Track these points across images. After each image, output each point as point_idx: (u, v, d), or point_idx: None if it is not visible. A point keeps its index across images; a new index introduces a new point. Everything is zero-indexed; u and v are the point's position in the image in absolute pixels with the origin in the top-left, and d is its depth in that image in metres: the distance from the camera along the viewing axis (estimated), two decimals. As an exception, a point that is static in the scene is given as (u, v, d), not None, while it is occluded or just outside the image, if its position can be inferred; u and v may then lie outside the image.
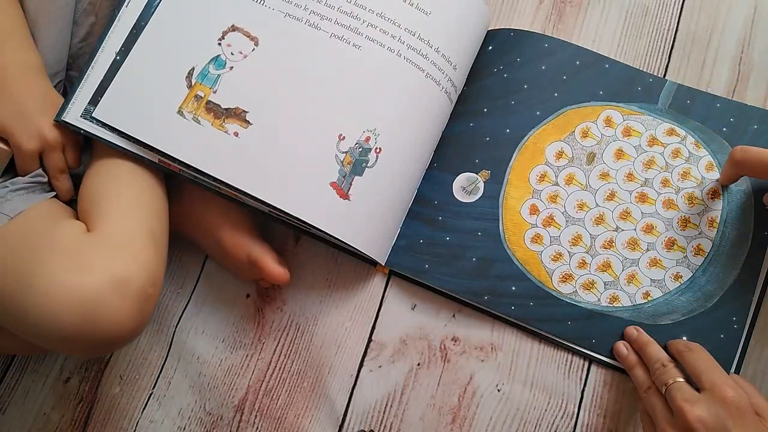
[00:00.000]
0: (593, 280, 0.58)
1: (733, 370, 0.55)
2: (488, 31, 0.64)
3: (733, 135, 0.59)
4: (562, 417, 0.57)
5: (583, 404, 0.57)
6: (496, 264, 0.58)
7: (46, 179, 0.55)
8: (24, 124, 0.53)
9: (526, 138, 0.61)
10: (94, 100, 0.54)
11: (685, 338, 0.55)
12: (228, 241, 0.57)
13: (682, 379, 0.50)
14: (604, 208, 0.59)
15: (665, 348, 0.55)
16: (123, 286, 0.44)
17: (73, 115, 0.54)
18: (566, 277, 0.58)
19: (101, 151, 0.55)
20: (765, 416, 0.48)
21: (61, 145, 0.55)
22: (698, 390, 0.49)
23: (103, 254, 0.46)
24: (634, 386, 0.55)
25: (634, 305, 0.57)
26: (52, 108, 0.54)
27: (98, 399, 0.61)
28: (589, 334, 0.57)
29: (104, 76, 0.54)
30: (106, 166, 0.54)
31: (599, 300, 0.57)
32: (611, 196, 0.59)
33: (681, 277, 0.57)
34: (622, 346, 0.56)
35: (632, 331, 0.56)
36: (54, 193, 0.55)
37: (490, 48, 0.63)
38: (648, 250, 0.58)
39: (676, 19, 0.65)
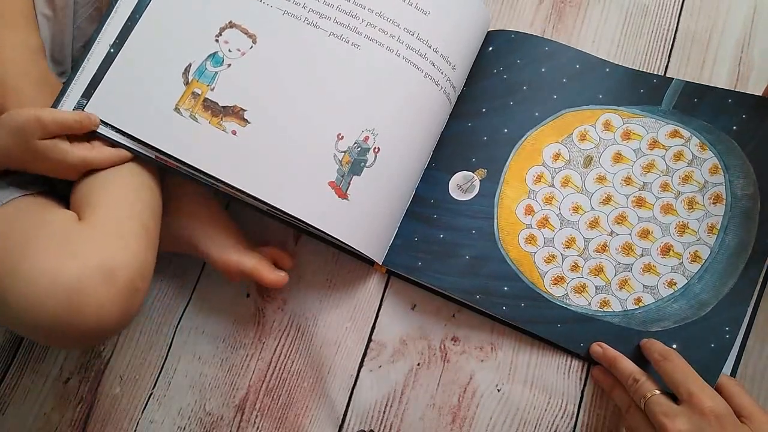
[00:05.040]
0: (585, 283, 0.58)
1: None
2: (489, 32, 0.64)
3: (744, 133, 0.57)
4: (562, 417, 0.57)
5: (583, 404, 0.57)
6: (490, 263, 0.58)
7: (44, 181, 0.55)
8: (20, 104, 0.52)
9: (523, 138, 0.60)
10: (87, 94, 0.54)
11: (675, 346, 0.54)
12: (218, 261, 0.57)
13: (657, 392, 0.50)
14: (600, 212, 0.59)
15: (638, 347, 0.54)
16: (110, 275, 0.43)
17: (67, 108, 0.53)
18: (558, 280, 0.58)
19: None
20: (750, 418, 0.48)
21: (59, 127, 0.51)
22: (676, 400, 0.49)
23: (91, 241, 0.45)
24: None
25: (624, 311, 0.56)
26: (48, 89, 0.54)
27: (98, 399, 0.61)
28: (577, 338, 0.56)
29: (98, 69, 0.54)
30: None
31: (590, 304, 0.57)
32: (607, 199, 0.59)
33: (675, 284, 0.56)
34: (597, 372, 0.56)
35: (597, 349, 0.55)
36: (47, 187, 0.54)
37: (491, 49, 0.63)
38: (642, 255, 0.57)
39: (676, 19, 0.65)
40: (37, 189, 0.53)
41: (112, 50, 0.54)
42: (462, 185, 0.60)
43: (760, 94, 0.58)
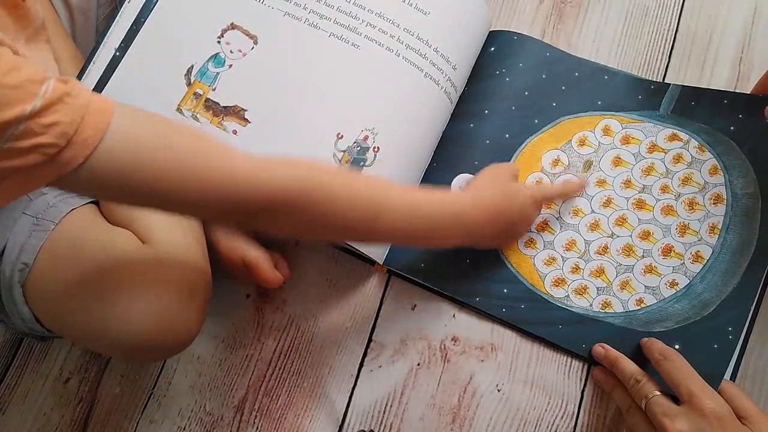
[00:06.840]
0: (586, 285, 0.58)
1: (728, 378, 0.54)
2: (491, 31, 0.64)
3: (741, 133, 0.58)
4: (562, 417, 0.57)
5: (583, 404, 0.57)
6: (489, 266, 0.58)
7: None
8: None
9: (523, 145, 0.61)
10: None
11: (677, 347, 0.54)
12: (222, 245, 0.57)
13: (659, 393, 0.50)
14: (600, 215, 0.59)
15: (640, 347, 0.54)
16: (191, 296, 0.48)
17: None
18: (559, 282, 0.58)
19: None
20: (750, 419, 0.48)
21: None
22: (677, 401, 0.49)
23: (172, 269, 0.49)
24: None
25: (626, 311, 0.56)
26: None
27: (98, 399, 0.61)
28: (579, 339, 0.57)
29: (103, 72, 0.55)
30: None
31: (591, 305, 0.57)
32: (607, 202, 0.59)
33: (677, 284, 0.56)
34: (598, 372, 0.56)
35: (599, 350, 0.55)
36: (89, 200, 0.55)
37: (493, 49, 0.63)
38: (643, 256, 0.57)
39: (676, 20, 0.65)
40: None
41: (117, 53, 0.55)
42: (463, 187, 0.60)
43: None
